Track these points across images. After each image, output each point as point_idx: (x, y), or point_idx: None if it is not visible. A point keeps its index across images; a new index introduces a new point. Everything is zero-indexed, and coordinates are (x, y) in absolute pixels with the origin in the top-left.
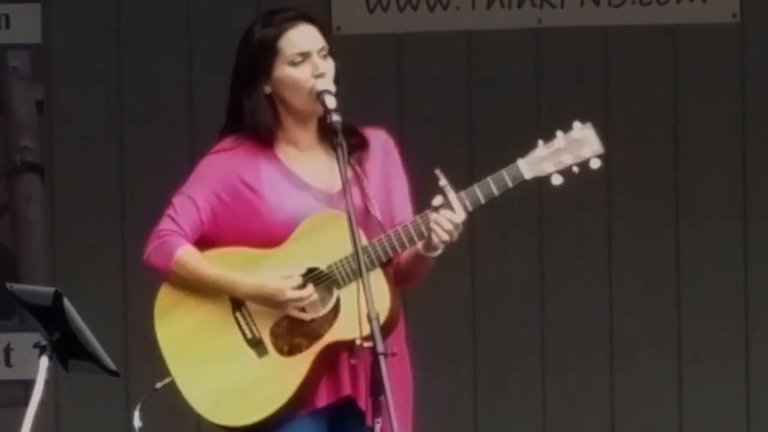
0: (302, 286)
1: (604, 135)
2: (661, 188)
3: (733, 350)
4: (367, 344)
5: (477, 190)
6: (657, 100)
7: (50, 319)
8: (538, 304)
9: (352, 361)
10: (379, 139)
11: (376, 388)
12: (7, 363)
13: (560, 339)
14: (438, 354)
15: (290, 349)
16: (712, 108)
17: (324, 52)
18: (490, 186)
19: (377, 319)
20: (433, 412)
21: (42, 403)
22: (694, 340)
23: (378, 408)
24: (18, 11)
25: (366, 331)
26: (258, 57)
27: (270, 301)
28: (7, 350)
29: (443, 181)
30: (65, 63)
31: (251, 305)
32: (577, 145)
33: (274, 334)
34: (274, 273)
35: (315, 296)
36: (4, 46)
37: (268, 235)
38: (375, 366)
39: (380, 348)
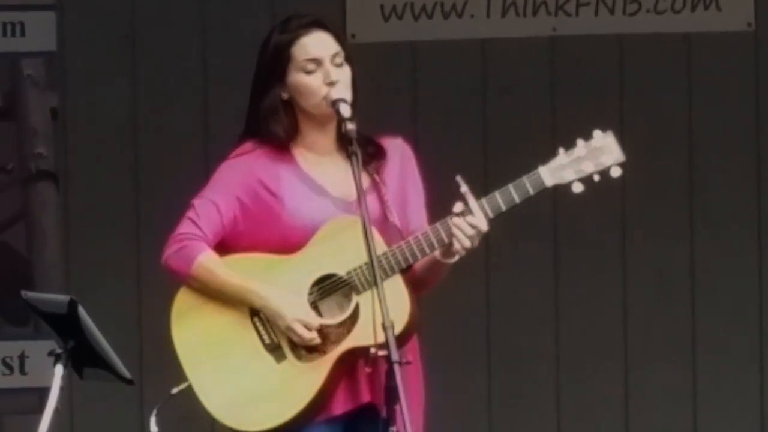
0: (316, 300)
1: (618, 143)
2: (675, 196)
3: (747, 359)
4: (381, 353)
5: (498, 196)
6: (671, 108)
7: (65, 327)
8: (553, 312)
9: (367, 370)
10: (396, 148)
11: (391, 396)
12: (22, 371)
13: (575, 347)
14: (452, 362)
15: (308, 355)
16: (727, 116)
17: (339, 59)
18: (511, 193)
19: (392, 327)
20: (448, 421)
21: (56, 411)
22: (709, 348)
23: (392, 417)
24: (32, 19)
25: (381, 338)
26: (272, 63)
27: (278, 320)
28: (22, 358)
29: (464, 188)
30: (80, 70)
31: None
32: (598, 153)
33: (292, 340)
34: (295, 295)
35: (318, 340)
36: (19, 54)
37: (286, 240)
38: (390, 375)
39: (395, 356)
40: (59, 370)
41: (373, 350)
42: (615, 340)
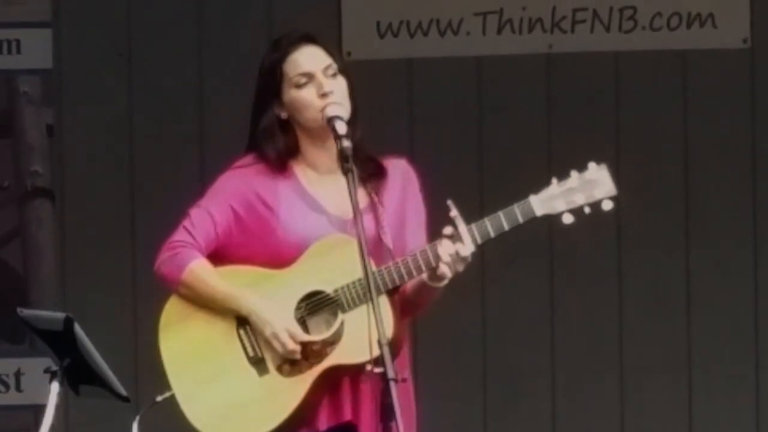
0: (303, 317)
1: (614, 160)
2: (671, 213)
3: (743, 376)
4: (377, 370)
5: (487, 223)
6: (667, 125)
7: (61, 344)
8: (549, 329)
9: (363, 386)
10: (398, 169)
11: (387, 413)
12: (18, 388)
13: (570, 365)
14: (448, 380)
15: (291, 370)
16: (723, 133)
17: (331, 71)
18: (501, 220)
19: (387, 344)
20: None
21: (52, 428)
22: (705, 365)
23: None
24: (29, 36)
25: (374, 355)
26: (267, 82)
27: (264, 326)
28: (18, 375)
29: (454, 212)
30: (76, 88)
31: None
32: (591, 186)
33: (276, 354)
34: (284, 309)
35: (298, 355)
36: (15, 71)
37: (278, 255)
38: (385, 392)
39: (391, 374)
40: (55, 387)
41: (368, 367)
42: (611, 355)
